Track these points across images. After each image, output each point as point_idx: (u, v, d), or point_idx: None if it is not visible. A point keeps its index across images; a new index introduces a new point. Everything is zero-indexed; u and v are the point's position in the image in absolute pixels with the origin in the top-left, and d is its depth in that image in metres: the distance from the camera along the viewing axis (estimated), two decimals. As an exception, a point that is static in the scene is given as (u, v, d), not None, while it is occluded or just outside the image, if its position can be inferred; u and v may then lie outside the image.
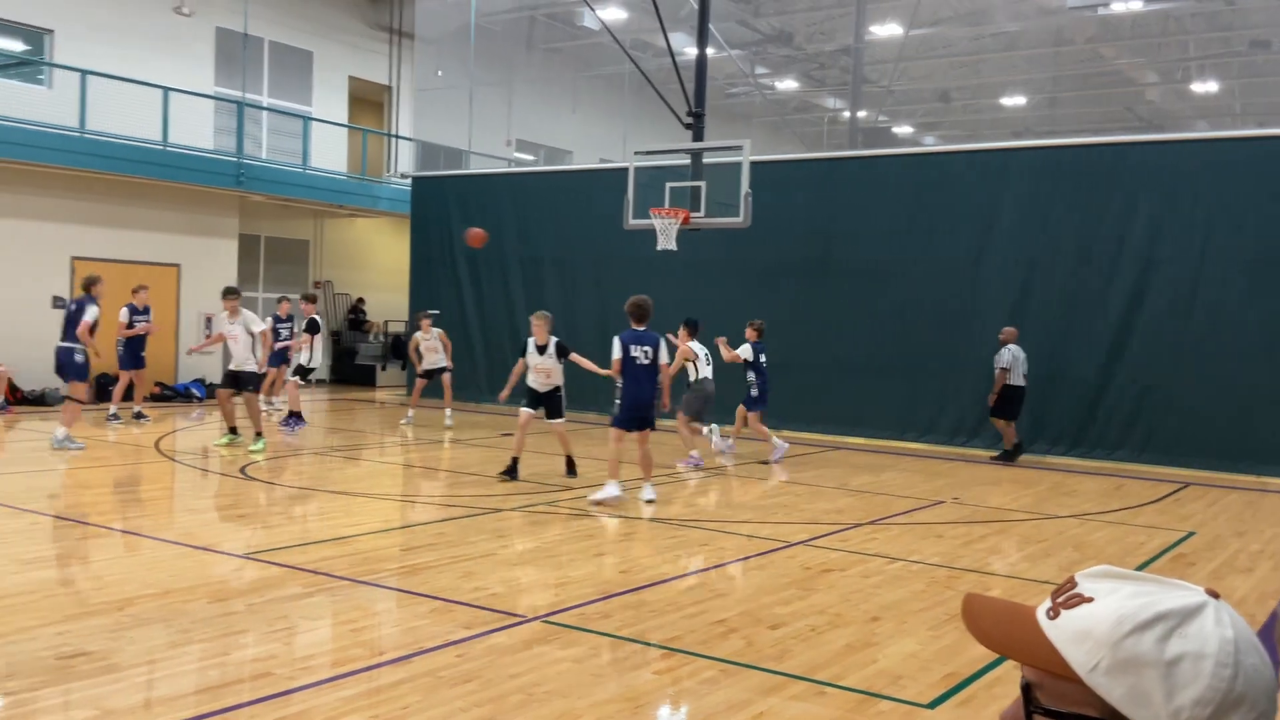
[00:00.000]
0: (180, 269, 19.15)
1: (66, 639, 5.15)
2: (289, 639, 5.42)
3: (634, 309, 10.16)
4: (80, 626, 5.37)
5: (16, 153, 16.09)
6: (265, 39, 21.36)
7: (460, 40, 21.96)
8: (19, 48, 18.40)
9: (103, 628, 5.37)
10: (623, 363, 9.85)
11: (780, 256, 15.93)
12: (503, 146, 23.49)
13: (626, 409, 9.85)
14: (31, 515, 8.40)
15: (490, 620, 5.75)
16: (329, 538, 7.84)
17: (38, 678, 4.61)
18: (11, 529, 7.88)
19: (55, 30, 18.21)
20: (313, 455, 12.90)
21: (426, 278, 20.05)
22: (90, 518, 8.43)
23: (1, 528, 7.91)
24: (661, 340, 10.13)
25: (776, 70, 27.66)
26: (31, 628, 5.31)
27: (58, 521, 8.46)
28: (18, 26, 18.04)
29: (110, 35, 18.67)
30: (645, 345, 9.90)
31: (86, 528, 8.05)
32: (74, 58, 17.82)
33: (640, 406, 9.87)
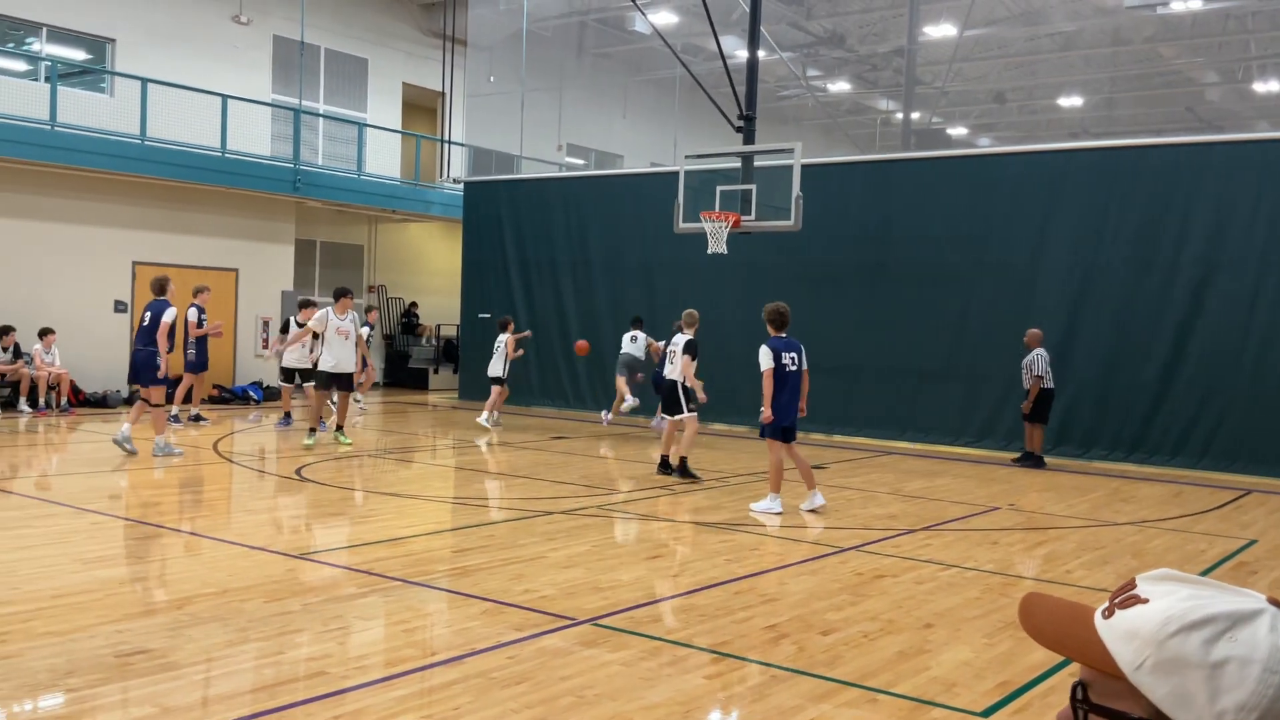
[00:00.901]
0: (238, 273, 19.47)
1: (126, 637, 5.25)
2: (343, 639, 5.48)
3: (775, 315, 9.90)
4: (139, 625, 5.47)
5: (80, 160, 16.46)
6: (321, 47, 21.67)
7: (512, 46, 22.10)
8: (82, 57, 18.82)
9: (161, 626, 5.46)
10: (775, 371, 9.53)
11: (832, 260, 15.83)
12: (554, 151, 23.60)
13: (784, 417, 9.63)
14: (93, 515, 8.58)
15: (541, 622, 5.77)
16: (382, 539, 7.92)
17: (97, 675, 4.70)
18: (73, 529, 8.05)
19: (117, 39, 18.61)
20: (367, 457, 13.04)
21: (478, 281, 20.19)
22: (150, 518, 8.59)
23: (64, 527, 8.09)
24: (802, 346, 10.10)
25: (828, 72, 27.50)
26: (92, 626, 5.42)
27: (118, 521, 8.63)
28: (81, 36, 18.46)
29: (170, 44, 19.04)
30: (793, 352, 9.84)
31: (146, 528, 8.21)
32: (135, 66, 18.20)
33: (792, 414, 9.71)
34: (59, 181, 16.77)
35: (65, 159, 16.31)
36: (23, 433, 14.06)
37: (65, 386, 16.29)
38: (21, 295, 16.36)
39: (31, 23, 17.86)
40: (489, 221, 20.03)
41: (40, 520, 8.37)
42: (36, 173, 16.41)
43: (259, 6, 20.43)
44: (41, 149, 16.03)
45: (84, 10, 18.15)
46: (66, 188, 16.93)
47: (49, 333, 16.03)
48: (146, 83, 17.43)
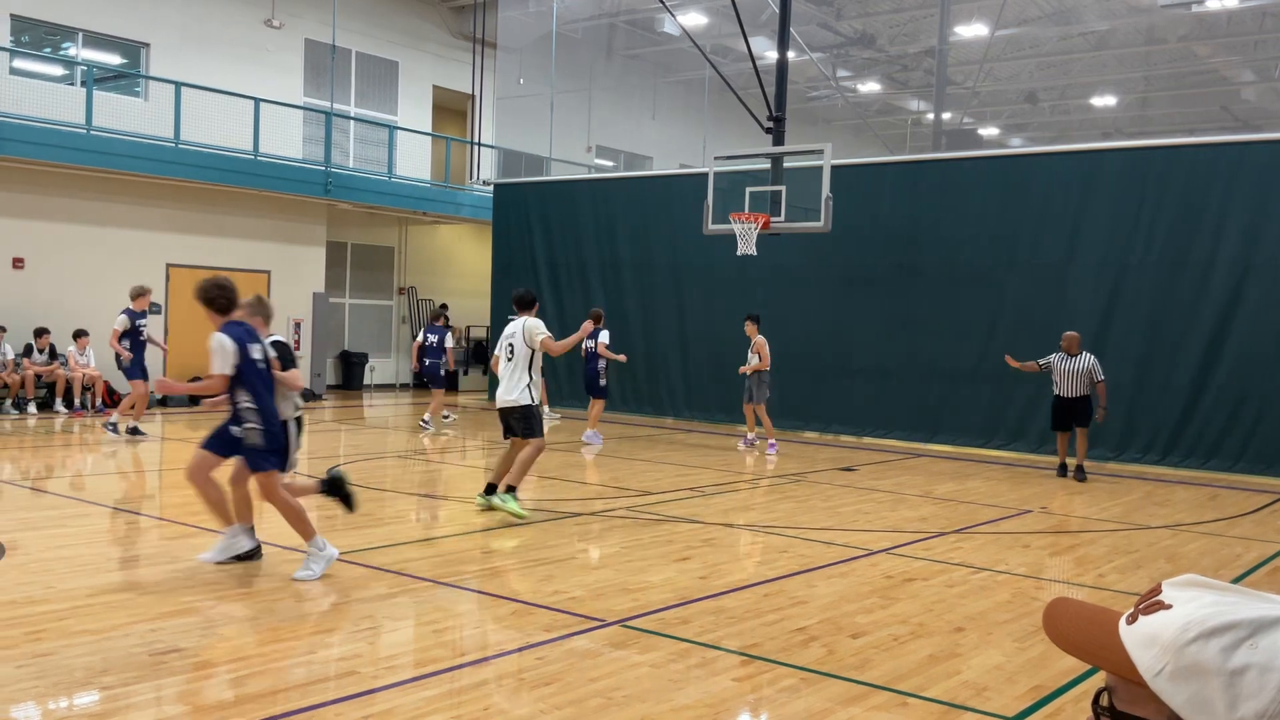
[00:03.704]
0: (271, 275, 19.63)
1: (159, 636, 5.30)
2: (373, 638, 5.51)
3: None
4: (172, 624, 5.52)
5: (115, 163, 16.65)
6: (353, 50, 21.82)
7: (541, 48, 22.17)
8: (117, 61, 19.04)
9: (194, 625, 5.51)
10: None
11: (862, 261, 15.77)
12: (583, 153, 23.64)
13: None
14: (127, 515, 8.67)
15: (570, 624, 5.78)
16: (412, 539, 7.95)
17: (131, 673, 4.75)
18: (109, 528, 8.14)
19: (151, 44, 18.82)
20: (396, 458, 13.11)
21: (508, 283, 20.22)
22: (183, 518, 8.67)
23: (99, 527, 8.18)
24: None
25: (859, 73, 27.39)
26: (125, 625, 5.48)
27: (152, 521, 8.72)
28: (116, 40, 18.68)
29: (204, 48, 19.23)
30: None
31: (180, 527, 8.28)
32: (169, 70, 18.39)
33: None
34: (94, 184, 16.97)
35: (100, 162, 16.50)
36: (58, 433, 14.23)
37: (100, 388, 16.48)
38: (57, 297, 16.56)
39: (68, 28, 18.09)
40: (518, 223, 20.09)
41: (75, 520, 8.47)
42: (72, 176, 16.61)
43: (291, 10, 20.59)
44: (77, 152, 16.23)
45: (119, 15, 18.36)
46: (101, 191, 17.13)
47: (83, 334, 16.22)
48: (180, 86, 17.60)
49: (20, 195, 16.32)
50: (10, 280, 16.30)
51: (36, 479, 10.58)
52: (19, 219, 16.36)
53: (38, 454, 12.17)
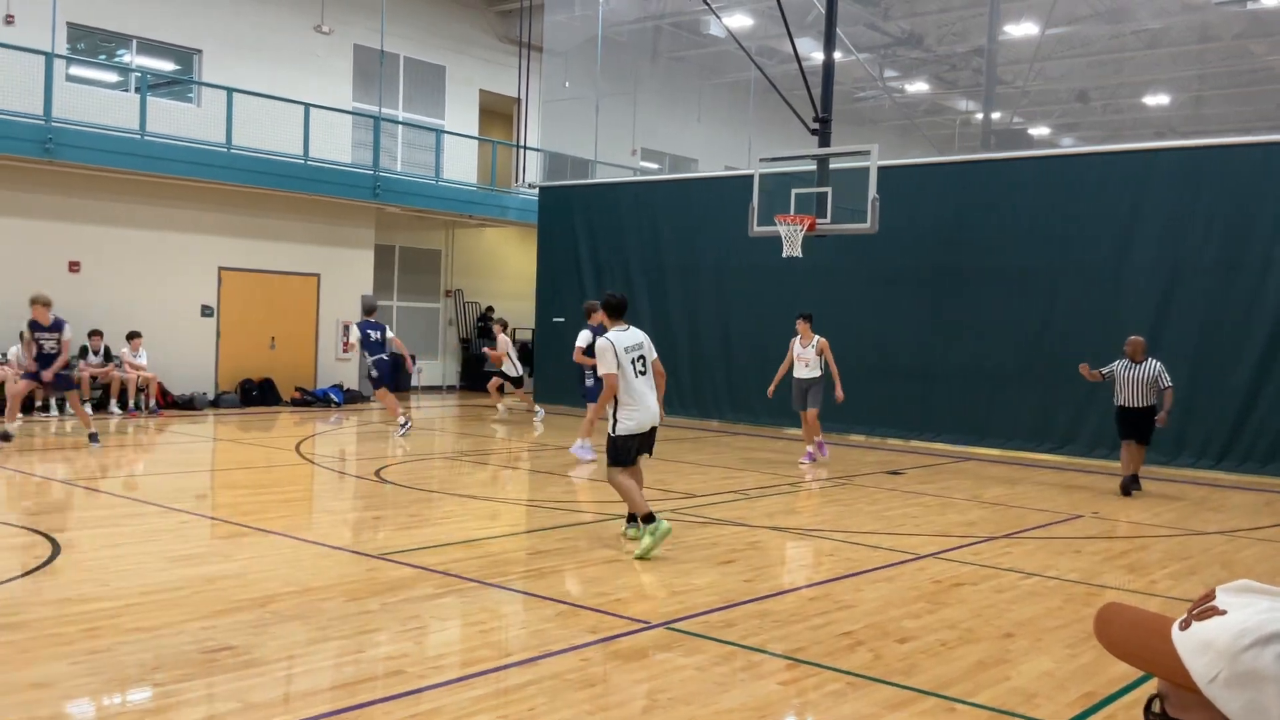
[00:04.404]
0: (320, 278, 19.86)
1: (211, 633, 5.37)
2: (420, 638, 5.55)
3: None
4: (224, 622, 5.60)
5: (168, 168, 16.94)
6: (401, 55, 22.03)
7: (587, 52, 22.23)
8: (170, 68, 19.36)
9: (245, 623, 5.58)
10: None
11: (910, 262, 15.65)
12: (628, 155, 23.67)
13: None
14: (180, 514, 8.81)
15: (615, 625, 5.78)
16: (459, 540, 8.01)
17: (183, 670, 4.82)
18: (161, 527, 8.28)
19: (204, 50, 19.12)
20: (443, 460, 13.20)
21: (552, 285, 20.34)
22: (234, 517, 8.80)
23: (152, 526, 8.32)
24: None
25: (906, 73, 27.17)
26: (178, 622, 5.56)
27: (204, 520, 8.85)
28: (169, 47, 19.00)
29: (255, 54, 19.50)
30: None
31: (231, 526, 8.40)
32: (221, 76, 18.67)
33: None
34: (148, 189, 17.27)
35: (154, 167, 16.79)
36: (113, 433, 14.48)
37: (153, 389, 16.76)
38: (112, 299, 16.87)
39: (122, 35, 18.43)
40: (563, 226, 20.16)
41: (130, 519, 8.61)
42: (127, 180, 16.92)
43: (340, 16, 20.82)
44: (132, 158, 16.52)
45: (172, 22, 18.67)
46: (155, 195, 17.43)
47: (136, 336, 16.52)
48: (232, 92, 17.87)
49: (76, 200, 16.64)
50: (67, 283, 16.61)
51: (92, 479, 10.78)
52: (75, 223, 16.69)
53: (93, 454, 12.38)
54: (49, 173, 16.10)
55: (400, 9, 21.50)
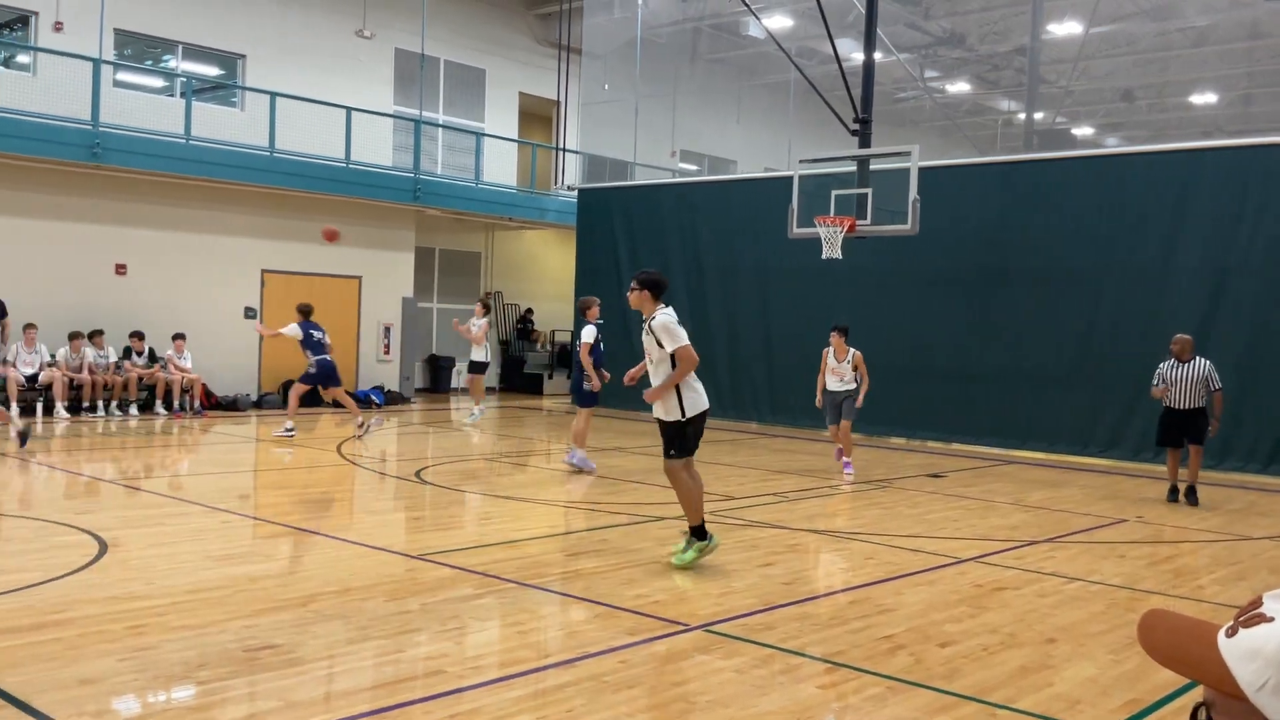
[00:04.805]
0: (361, 281, 20.03)
1: (254, 632, 5.43)
2: (460, 638, 5.58)
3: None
4: (267, 621, 5.66)
5: (212, 171, 17.16)
6: (441, 58, 22.18)
7: (626, 54, 22.26)
8: (214, 73, 19.61)
9: (287, 622, 5.64)
10: None
11: (951, 263, 15.53)
12: (667, 157, 23.68)
13: None
14: (224, 514, 8.91)
15: (653, 627, 5.78)
16: (498, 541, 8.04)
17: (227, 668, 4.88)
18: (205, 527, 8.38)
19: (247, 55, 19.35)
20: (483, 461, 13.26)
21: (591, 287, 20.32)
22: (277, 517, 8.89)
23: (197, 525, 8.42)
24: None
25: (947, 73, 26.96)
26: (222, 621, 5.63)
27: (248, 520, 8.95)
28: (213, 53, 19.25)
29: (297, 59, 19.71)
30: None
31: (274, 527, 8.49)
32: (264, 81, 18.89)
33: None
34: (193, 193, 17.50)
35: (199, 171, 17.02)
36: (158, 434, 14.69)
37: (198, 390, 16.98)
38: (158, 302, 17.11)
39: (168, 40, 18.70)
40: (602, 228, 20.20)
41: (175, 518, 8.73)
42: (172, 184, 17.15)
43: (381, 21, 20.99)
44: (177, 161, 16.76)
45: (217, 28, 18.92)
46: (200, 199, 17.66)
47: (180, 338, 16.75)
48: (275, 96, 18.07)
49: (123, 204, 16.90)
50: (114, 286, 16.89)
51: (138, 478, 10.93)
52: (122, 227, 16.94)
53: (139, 454, 12.57)
54: (96, 177, 16.37)
55: (441, 13, 21.65)
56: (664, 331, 7.04)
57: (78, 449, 12.98)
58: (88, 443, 13.52)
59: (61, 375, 15.66)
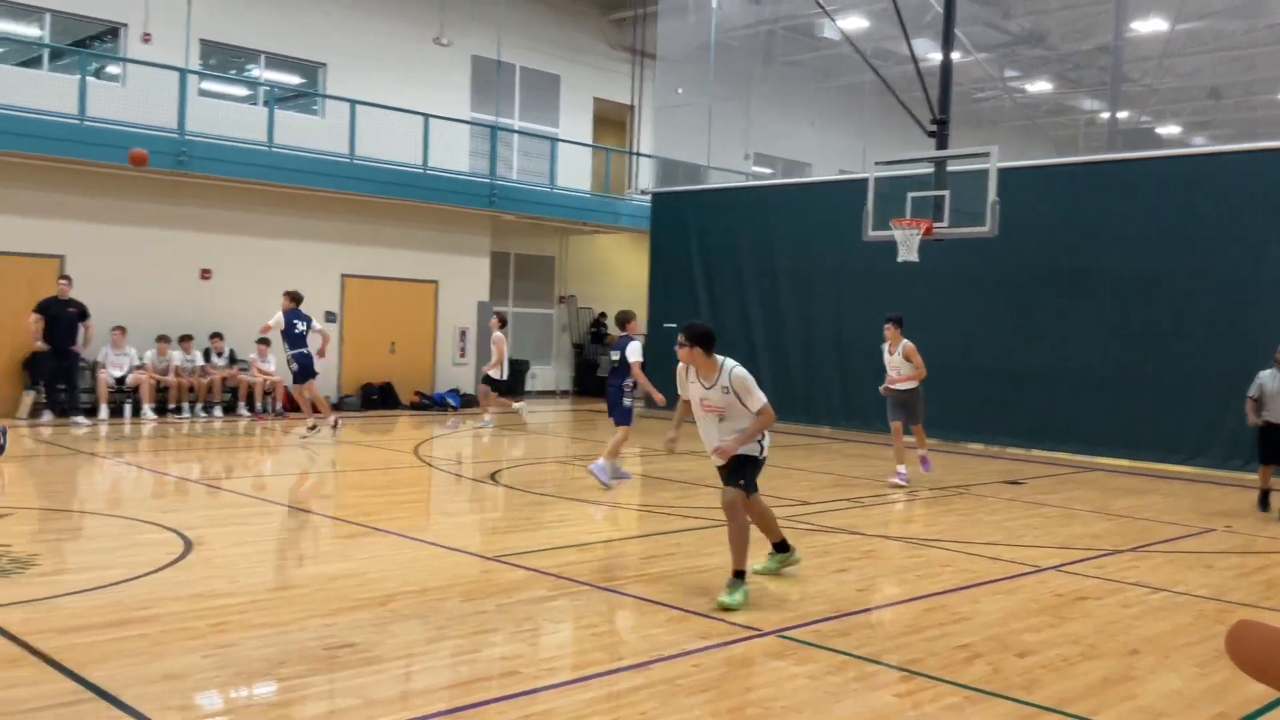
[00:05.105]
0: (438, 285, 20.29)
1: (333, 631, 5.53)
2: (534, 640, 5.62)
3: None
4: (345, 620, 5.75)
5: (294, 178, 17.54)
6: (516, 65, 22.38)
7: (700, 57, 22.24)
8: (296, 81, 20.03)
9: (366, 621, 5.73)
10: None
11: (1031, 266, 15.25)
12: (740, 160, 23.62)
13: None
14: (304, 514, 9.09)
15: (726, 632, 5.76)
16: (571, 544, 8.08)
17: (307, 666, 4.97)
18: (286, 526, 8.56)
19: (328, 64, 19.73)
20: (556, 464, 13.34)
21: (664, 291, 20.39)
22: (355, 518, 9.03)
23: (278, 525, 8.60)
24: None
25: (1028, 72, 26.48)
26: (302, 619, 5.73)
27: (327, 520, 9.11)
28: (296, 62, 19.66)
29: (376, 67, 20.04)
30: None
31: (352, 526, 8.63)
32: (344, 89, 19.24)
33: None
34: (275, 199, 17.90)
35: (280, 178, 17.40)
36: (241, 435, 15.03)
37: (279, 392, 17.34)
38: (240, 307, 17.50)
39: (252, 50, 19.14)
40: (676, 232, 20.21)
41: (257, 518, 8.93)
42: (255, 191, 17.56)
43: (459, 28, 21.26)
44: (260, 169, 17.15)
45: (299, 38, 19.32)
46: (282, 205, 18.05)
47: (264, 342, 17.12)
48: (354, 104, 18.40)
49: (208, 210, 17.34)
50: (199, 290, 17.33)
51: (221, 478, 11.20)
52: (207, 232, 17.38)
53: (222, 454, 12.87)
54: (182, 184, 16.81)
55: (517, 20, 21.85)
56: (745, 389, 6.54)
57: (164, 449, 13.33)
58: (173, 443, 13.87)
59: (149, 377, 16.10)
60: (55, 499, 9.86)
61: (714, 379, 6.59)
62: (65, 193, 15.96)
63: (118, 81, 17.43)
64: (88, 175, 15.95)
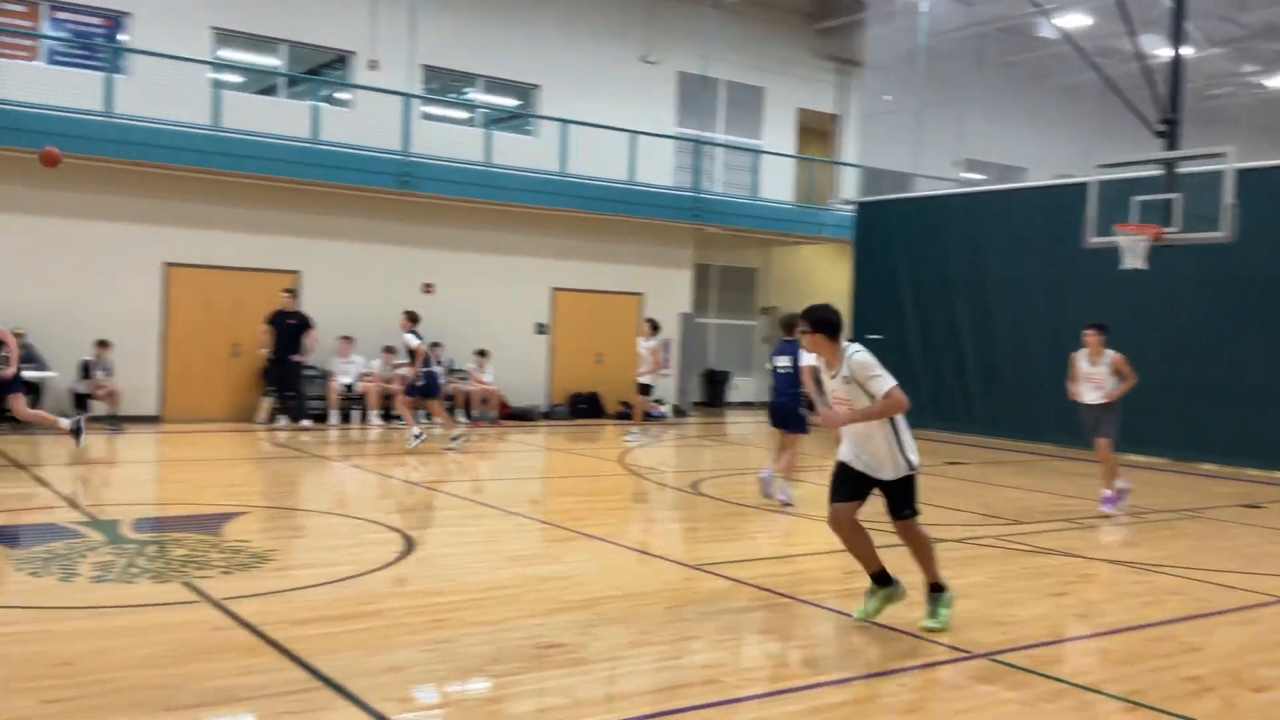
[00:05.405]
0: (643, 298, 20.63)
1: (543, 631, 5.70)
2: (736, 649, 5.63)
3: None
4: (554, 621, 5.92)
5: (509, 196, 18.27)
6: (721, 79, 22.53)
7: (908, 63, 21.79)
8: (513, 103, 20.81)
9: (573, 623, 5.88)
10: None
11: (1270, 273, 14.18)
12: (949, 167, 22.98)
13: None
14: (516, 518, 9.41)
15: (933, 652, 5.61)
16: (773, 555, 8.05)
17: (518, 664, 5.15)
18: (500, 529, 8.89)
19: (542, 85, 20.40)
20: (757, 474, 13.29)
21: (868, 302, 20.05)
22: (564, 523, 9.29)
23: (491, 528, 8.94)
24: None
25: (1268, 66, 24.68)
26: (513, 619, 5.94)
27: (537, 524, 9.41)
28: (512, 84, 20.43)
29: (587, 87, 20.59)
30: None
31: (561, 531, 8.88)
32: (557, 109, 19.87)
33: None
34: (491, 216, 18.66)
35: (497, 196, 18.15)
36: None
37: (495, 401, 18.03)
38: (459, 318, 18.31)
39: (471, 74, 20.02)
40: (881, 242, 19.86)
41: (472, 520, 9.31)
42: (472, 209, 18.34)
43: (665, 46, 21.59)
44: (478, 188, 17.93)
45: (515, 61, 20.08)
46: (497, 221, 18.79)
47: (483, 354, 17.92)
48: (566, 124, 18.98)
49: (429, 228, 18.24)
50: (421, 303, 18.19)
51: (440, 482, 11.73)
52: (428, 248, 18.28)
53: (441, 459, 13.46)
54: (406, 203, 17.75)
55: (722, 35, 22.00)
56: (867, 372, 5.83)
57: (388, 454, 14.07)
58: (397, 448, 14.61)
59: (375, 385, 17.04)
60: (288, 499, 10.57)
61: (836, 368, 5.97)
62: (301, 211, 17.12)
63: (347, 106, 18.56)
64: (320, 195, 17.06)
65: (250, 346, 16.42)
